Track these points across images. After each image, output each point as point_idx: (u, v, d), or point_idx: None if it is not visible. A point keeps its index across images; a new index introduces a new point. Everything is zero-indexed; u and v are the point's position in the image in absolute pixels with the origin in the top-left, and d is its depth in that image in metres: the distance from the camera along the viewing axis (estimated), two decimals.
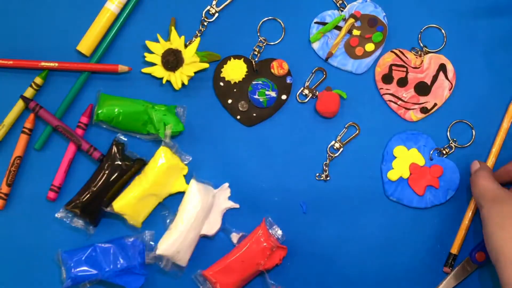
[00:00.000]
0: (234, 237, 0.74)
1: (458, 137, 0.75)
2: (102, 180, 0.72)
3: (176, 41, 0.73)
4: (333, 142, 0.75)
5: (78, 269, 0.71)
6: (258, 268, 0.72)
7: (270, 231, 0.73)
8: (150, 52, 0.74)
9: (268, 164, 0.75)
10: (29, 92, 0.73)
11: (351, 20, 0.75)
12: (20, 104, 0.74)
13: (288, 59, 0.75)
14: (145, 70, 0.74)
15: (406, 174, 0.74)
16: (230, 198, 0.74)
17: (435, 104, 0.75)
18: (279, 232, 0.74)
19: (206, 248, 0.75)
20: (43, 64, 0.73)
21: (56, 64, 0.73)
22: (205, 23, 0.75)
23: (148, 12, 0.75)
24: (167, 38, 0.74)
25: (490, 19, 0.76)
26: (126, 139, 0.74)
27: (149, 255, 0.72)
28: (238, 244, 0.73)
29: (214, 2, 0.75)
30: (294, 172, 0.75)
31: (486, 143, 0.75)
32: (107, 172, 0.72)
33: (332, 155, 0.75)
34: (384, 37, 0.75)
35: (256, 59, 0.75)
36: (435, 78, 0.75)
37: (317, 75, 0.76)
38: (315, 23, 0.75)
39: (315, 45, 0.75)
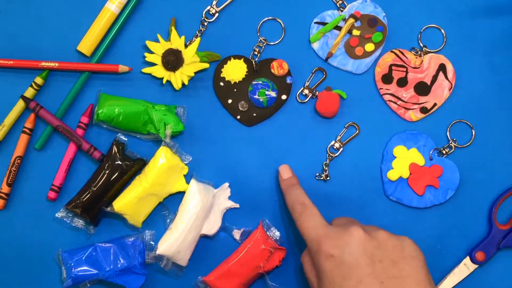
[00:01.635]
0: (236, 233, 0.74)
1: (458, 137, 0.75)
2: (102, 180, 0.72)
3: (176, 41, 0.73)
4: (333, 142, 0.75)
5: (78, 269, 0.71)
6: (258, 271, 0.71)
7: (268, 233, 0.73)
8: (151, 52, 0.74)
9: (268, 164, 0.75)
10: (29, 92, 0.73)
11: (351, 20, 0.75)
12: (20, 104, 0.74)
13: (288, 59, 0.75)
14: (146, 70, 0.74)
15: (406, 174, 0.74)
16: (230, 198, 0.74)
17: (435, 104, 0.75)
18: (277, 233, 0.73)
19: (206, 248, 0.75)
20: (44, 64, 0.73)
21: (57, 64, 0.73)
22: (205, 23, 0.75)
23: (148, 12, 0.75)
24: (167, 38, 0.74)
25: (489, 19, 0.76)
26: (126, 139, 0.74)
27: (149, 255, 0.72)
28: (237, 247, 0.73)
29: (214, 2, 0.75)
30: (294, 172, 0.75)
31: (486, 143, 0.75)
32: (107, 172, 0.72)
33: (332, 155, 0.75)
34: (384, 37, 0.75)
35: (256, 59, 0.75)
36: (434, 78, 0.75)
37: (317, 75, 0.76)
38: (315, 23, 0.76)
39: (315, 45, 0.75)
